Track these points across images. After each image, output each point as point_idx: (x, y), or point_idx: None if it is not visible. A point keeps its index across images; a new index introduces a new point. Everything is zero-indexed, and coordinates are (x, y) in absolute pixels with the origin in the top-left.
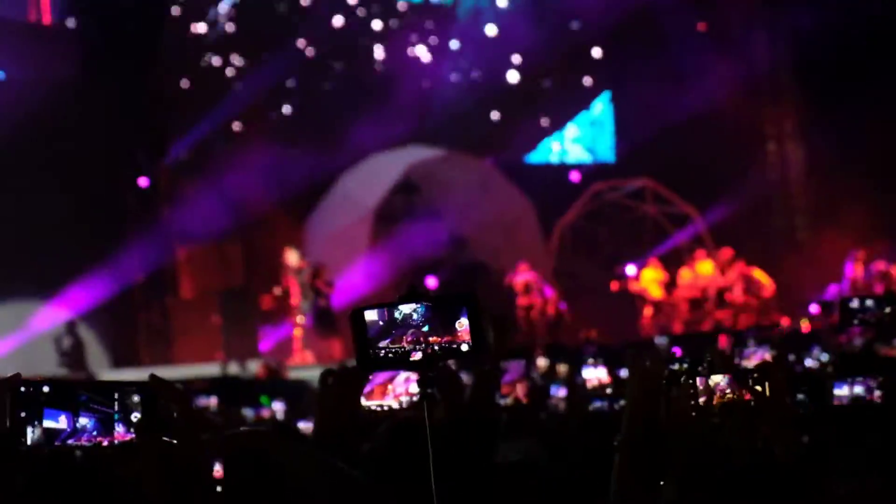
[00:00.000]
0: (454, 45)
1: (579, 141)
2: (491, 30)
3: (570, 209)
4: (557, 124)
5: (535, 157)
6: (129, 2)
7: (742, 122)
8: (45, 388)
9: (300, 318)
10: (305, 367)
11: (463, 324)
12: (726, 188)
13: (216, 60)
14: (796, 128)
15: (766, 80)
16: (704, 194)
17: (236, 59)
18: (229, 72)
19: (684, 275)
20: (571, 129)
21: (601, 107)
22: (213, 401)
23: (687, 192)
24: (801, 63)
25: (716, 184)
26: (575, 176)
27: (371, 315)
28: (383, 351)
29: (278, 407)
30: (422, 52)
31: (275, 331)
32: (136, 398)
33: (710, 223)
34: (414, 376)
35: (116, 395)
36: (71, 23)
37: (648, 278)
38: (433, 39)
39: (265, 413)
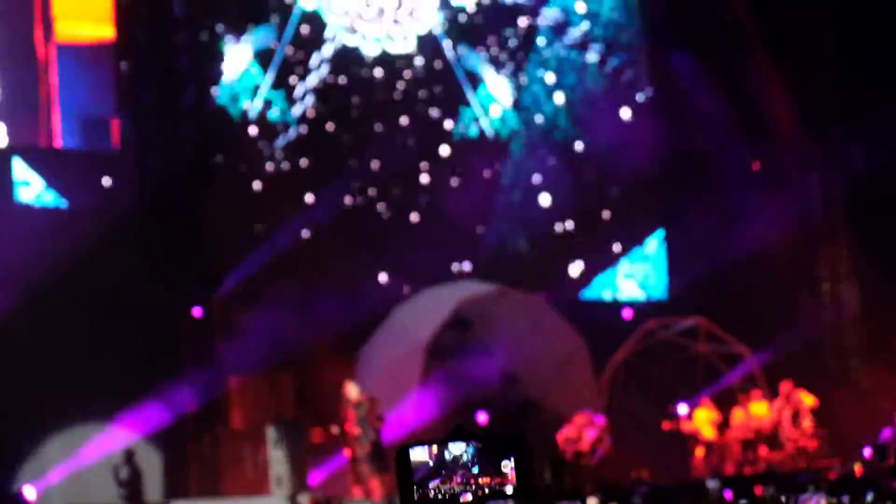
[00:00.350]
0: (507, 179)
1: (632, 277)
2: (544, 166)
3: (623, 347)
4: (610, 261)
5: (587, 293)
6: (187, 130)
7: (796, 261)
8: None
9: (360, 452)
10: (356, 503)
11: (508, 465)
12: (779, 328)
13: (270, 189)
14: (850, 268)
15: (820, 219)
16: (757, 334)
17: (290, 190)
18: (282, 202)
19: (737, 415)
20: (624, 266)
21: (655, 244)
22: None
23: (740, 331)
24: (854, 202)
25: (769, 323)
26: (627, 313)
27: (420, 455)
28: (433, 492)
29: None
30: (474, 186)
31: (326, 465)
32: None
33: (762, 363)
34: None
35: None
36: (130, 152)
37: (702, 419)
38: (486, 173)
39: None
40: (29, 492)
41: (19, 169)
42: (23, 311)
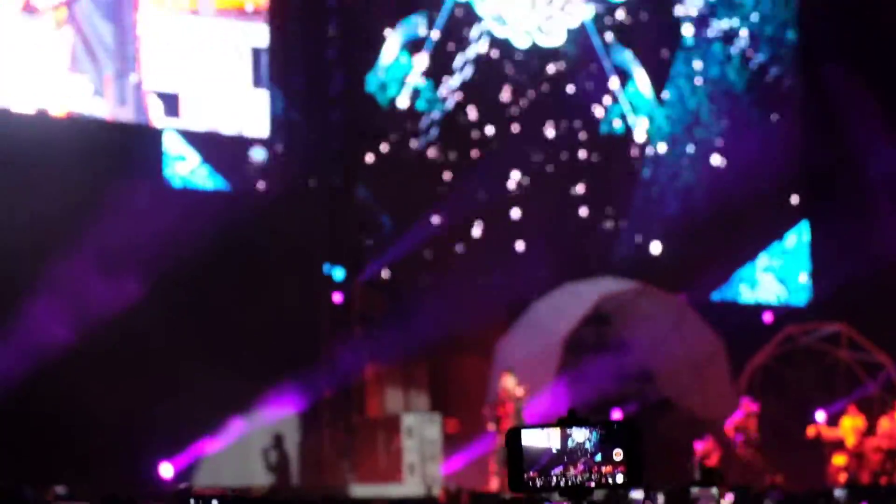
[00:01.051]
0: (648, 175)
1: (771, 270)
2: (686, 163)
3: (762, 350)
4: (750, 257)
5: (727, 294)
6: (335, 117)
7: None
8: (214, 503)
9: None
10: (491, 494)
11: (619, 454)
12: None
13: (414, 178)
14: None
15: None
16: None
17: (434, 179)
18: (426, 191)
19: (884, 424)
20: (763, 260)
21: (794, 239)
22: None
23: (883, 339)
24: None
25: None
26: (768, 317)
27: (541, 440)
28: (555, 478)
29: None
30: (616, 182)
31: (459, 455)
32: None
33: None
34: None
35: None
36: (279, 137)
37: (847, 426)
38: (629, 169)
39: None
40: (166, 470)
41: (172, 144)
42: (168, 291)
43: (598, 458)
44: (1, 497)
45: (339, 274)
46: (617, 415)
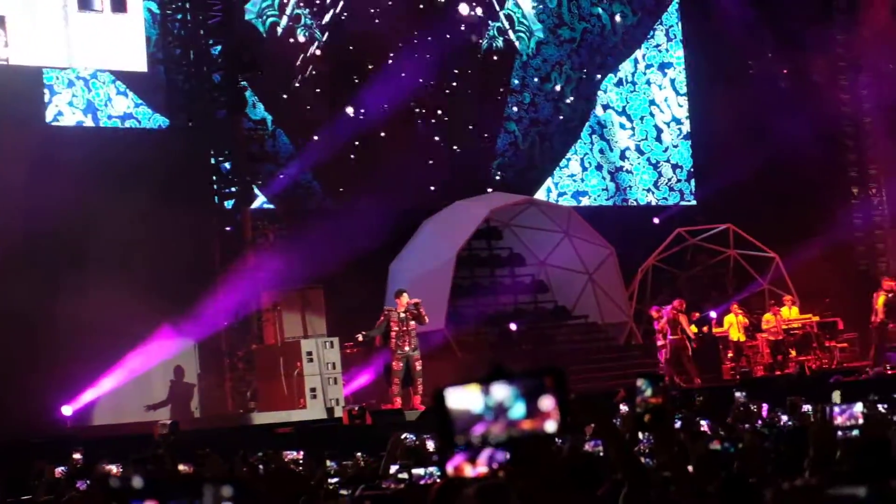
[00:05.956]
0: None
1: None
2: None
3: (652, 253)
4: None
5: (615, 199)
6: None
7: (826, 167)
8: (137, 483)
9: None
10: (393, 411)
11: (548, 402)
12: (810, 233)
13: (305, 105)
14: (881, 172)
15: (852, 124)
16: (787, 239)
17: (323, 105)
18: (316, 116)
19: (767, 319)
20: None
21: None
22: (300, 454)
23: (769, 236)
24: (890, 107)
25: (799, 229)
26: (656, 219)
27: (460, 401)
28: (476, 439)
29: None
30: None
31: (358, 376)
32: (228, 491)
33: (792, 268)
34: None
35: (208, 493)
36: (161, 72)
37: (730, 322)
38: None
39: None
40: (66, 410)
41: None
42: (56, 229)
43: (522, 413)
44: None
45: (228, 203)
46: (513, 326)
